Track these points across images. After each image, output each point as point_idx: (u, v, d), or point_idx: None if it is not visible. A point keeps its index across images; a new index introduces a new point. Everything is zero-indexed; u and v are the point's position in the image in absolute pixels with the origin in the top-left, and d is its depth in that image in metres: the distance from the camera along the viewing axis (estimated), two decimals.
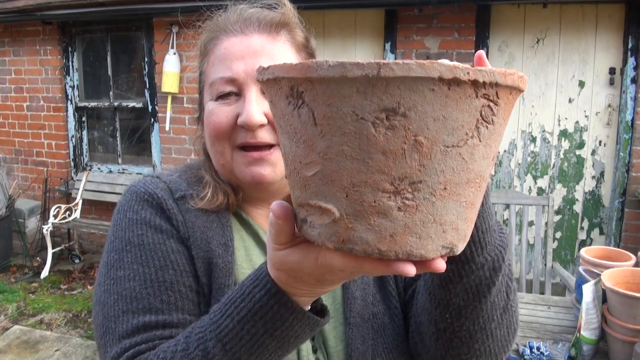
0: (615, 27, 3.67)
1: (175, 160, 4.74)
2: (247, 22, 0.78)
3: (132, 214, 0.77)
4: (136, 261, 0.73)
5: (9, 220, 5.03)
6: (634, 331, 1.54)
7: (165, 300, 0.71)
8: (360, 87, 0.39)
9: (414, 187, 0.42)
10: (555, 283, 3.63)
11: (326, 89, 0.41)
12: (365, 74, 0.39)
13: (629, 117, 3.64)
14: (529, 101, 3.92)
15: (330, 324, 0.80)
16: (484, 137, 0.43)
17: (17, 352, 3.40)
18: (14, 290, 4.41)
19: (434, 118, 0.40)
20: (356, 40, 4.22)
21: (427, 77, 0.38)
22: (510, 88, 0.44)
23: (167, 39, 4.51)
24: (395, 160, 0.41)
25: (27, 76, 5.17)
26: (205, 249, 0.77)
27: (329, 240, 0.45)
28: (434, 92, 0.39)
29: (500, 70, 0.42)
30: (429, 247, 0.44)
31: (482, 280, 0.64)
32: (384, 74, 0.38)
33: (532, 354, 1.71)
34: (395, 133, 0.40)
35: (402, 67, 0.38)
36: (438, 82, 0.39)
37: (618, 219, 3.78)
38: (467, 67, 0.39)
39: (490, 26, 3.87)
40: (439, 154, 0.41)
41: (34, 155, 5.31)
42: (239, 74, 0.75)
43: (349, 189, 0.42)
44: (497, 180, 4.08)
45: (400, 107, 0.39)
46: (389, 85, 0.39)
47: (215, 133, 0.77)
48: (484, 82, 0.41)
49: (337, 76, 0.39)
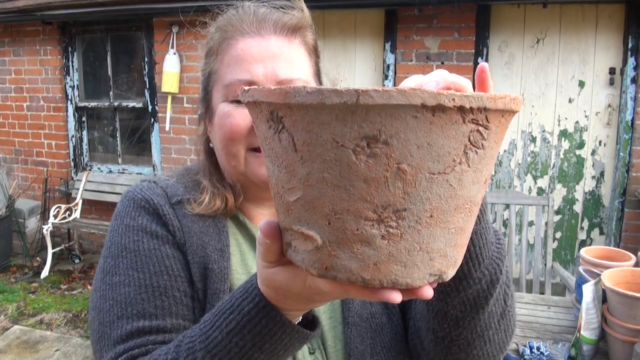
0: (615, 27, 3.67)
1: (175, 161, 4.74)
2: (263, 23, 0.78)
3: (129, 220, 0.78)
4: (131, 267, 0.74)
5: (9, 220, 5.02)
6: (634, 331, 1.54)
7: (160, 305, 0.72)
8: (339, 114, 0.38)
9: (398, 215, 0.40)
10: (555, 283, 3.63)
11: (305, 115, 0.40)
12: (343, 102, 0.37)
13: (629, 117, 3.64)
14: (529, 101, 3.92)
15: (329, 324, 0.80)
16: (474, 162, 0.41)
17: (17, 352, 3.40)
18: (14, 290, 4.41)
19: (418, 145, 0.39)
20: (356, 40, 4.22)
21: (408, 104, 0.37)
22: (502, 111, 0.42)
23: (167, 39, 4.51)
24: (378, 188, 0.39)
25: (27, 76, 5.17)
26: (201, 254, 0.77)
27: (312, 267, 0.44)
28: (417, 119, 0.38)
29: (490, 95, 0.40)
30: (415, 275, 0.42)
31: (480, 293, 0.65)
32: (363, 102, 0.37)
33: (532, 354, 1.71)
34: (377, 161, 0.39)
35: (382, 94, 0.37)
36: (421, 109, 0.37)
37: (618, 219, 3.78)
38: (452, 93, 0.38)
39: (490, 26, 3.87)
40: (424, 182, 0.40)
41: (34, 155, 5.31)
42: (258, 77, 0.75)
43: (331, 216, 0.41)
44: (497, 180, 4.08)
45: (381, 134, 0.38)
46: (369, 112, 0.38)
47: (231, 135, 0.77)
48: (472, 108, 0.39)
49: (315, 103, 0.38)
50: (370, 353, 0.79)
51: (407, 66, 4.00)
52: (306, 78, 0.78)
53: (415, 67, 3.98)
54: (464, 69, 3.86)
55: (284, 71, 0.76)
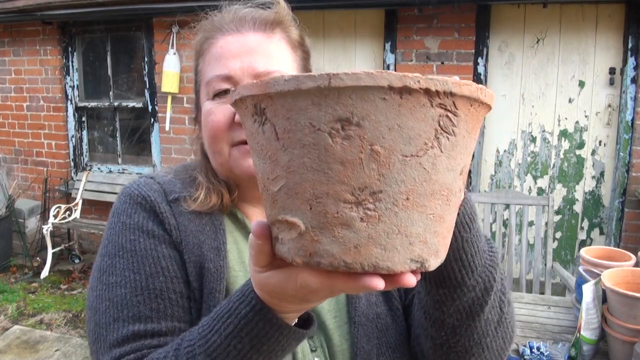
0: (615, 27, 3.67)
1: (175, 160, 4.74)
2: (242, 21, 0.79)
3: (126, 218, 0.78)
4: (128, 268, 0.73)
5: (9, 220, 5.02)
6: (634, 331, 1.54)
7: (155, 308, 0.72)
8: (314, 99, 0.41)
9: (375, 197, 0.42)
10: (555, 283, 3.63)
11: (284, 103, 0.42)
12: (317, 85, 0.40)
13: (629, 117, 3.64)
14: (529, 101, 3.92)
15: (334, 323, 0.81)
16: (446, 148, 0.43)
17: (17, 352, 3.40)
18: (14, 290, 4.41)
19: (389, 127, 0.40)
20: (356, 40, 4.22)
21: (376, 86, 0.39)
22: (469, 99, 0.43)
23: (167, 39, 4.51)
24: (354, 170, 0.41)
25: (27, 76, 5.17)
26: (197, 253, 0.77)
27: (297, 255, 0.45)
28: (386, 101, 0.40)
29: (455, 80, 0.42)
30: (395, 259, 0.43)
31: (475, 300, 0.66)
32: (335, 84, 0.39)
33: (532, 354, 1.71)
34: (351, 142, 0.41)
35: (352, 77, 0.39)
36: (388, 91, 0.39)
37: (618, 219, 3.78)
38: (417, 75, 0.40)
39: (490, 26, 3.87)
40: (397, 163, 0.41)
41: (34, 155, 5.31)
42: (235, 72, 0.76)
43: (312, 201, 0.43)
44: (497, 180, 4.08)
45: (353, 116, 0.40)
46: (341, 95, 0.40)
47: (213, 132, 0.77)
48: (437, 91, 0.41)
49: (292, 89, 0.41)
50: (376, 353, 0.79)
51: (407, 66, 4.00)
52: (287, 71, 0.78)
53: (415, 67, 3.98)
54: (464, 69, 3.86)
55: (262, 65, 0.76)
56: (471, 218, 0.63)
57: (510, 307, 0.74)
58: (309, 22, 0.84)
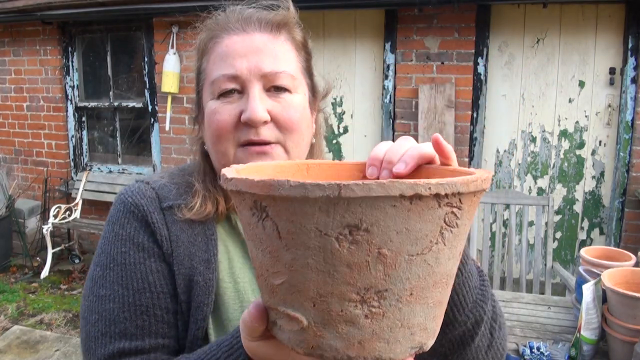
0: (615, 27, 3.67)
1: (175, 161, 4.74)
2: (248, 21, 0.78)
3: (119, 228, 0.79)
4: (117, 282, 0.75)
5: (9, 220, 5.02)
6: (634, 331, 1.54)
7: (140, 325, 0.73)
8: (322, 206, 0.40)
9: (380, 295, 0.42)
10: (555, 283, 3.63)
11: (289, 206, 0.41)
12: (326, 195, 0.39)
13: (629, 117, 3.64)
14: (529, 101, 3.92)
15: None
16: (449, 240, 0.44)
17: (17, 352, 3.40)
18: (14, 290, 4.41)
19: (397, 231, 0.41)
20: (356, 40, 4.22)
21: (388, 196, 0.39)
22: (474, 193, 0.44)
23: (167, 39, 4.51)
24: (360, 272, 0.41)
25: (27, 76, 5.17)
26: (188, 265, 0.77)
27: (298, 346, 0.45)
28: (396, 208, 0.40)
29: (463, 179, 0.42)
30: (397, 350, 0.44)
31: (466, 333, 0.69)
32: (345, 195, 0.39)
33: (532, 354, 1.71)
34: (359, 247, 0.41)
35: (363, 187, 0.39)
36: (399, 199, 0.40)
37: (618, 219, 3.78)
38: (428, 182, 0.40)
39: (490, 26, 3.87)
40: (403, 263, 0.42)
41: (34, 155, 5.30)
42: (241, 71, 0.75)
43: (316, 299, 0.43)
44: (497, 180, 4.08)
45: (362, 223, 0.40)
46: (351, 204, 0.40)
47: (218, 132, 0.76)
48: (446, 194, 0.41)
49: (299, 196, 0.40)
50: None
51: (407, 66, 4.00)
52: (292, 72, 0.78)
53: (415, 67, 3.98)
54: (464, 69, 3.86)
55: (268, 65, 0.76)
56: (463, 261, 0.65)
57: (502, 330, 0.76)
58: (309, 22, 0.84)
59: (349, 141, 4.34)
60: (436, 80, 3.93)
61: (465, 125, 3.91)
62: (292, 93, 0.78)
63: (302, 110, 0.79)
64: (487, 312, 0.70)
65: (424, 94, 3.90)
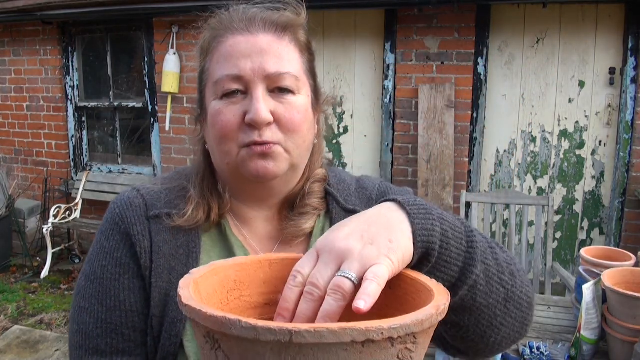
0: (615, 27, 3.67)
1: (175, 161, 4.74)
2: (252, 21, 0.78)
3: (104, 240, 0.82)
4: (95, 296, 0.79)
5: (9, 220, 5.02)
6: (634, 331, 1.54)
7: (109, 343, 0.77)
8: (274, 347, 0.40)
9: None
10: (555, 283, 3.63)
11: (241, 344, 0.42)
12: (277, 340, 0.40)
13: (629, 117, 3.64)
14: (529, 101, 3.92)
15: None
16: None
17: (17, 352, 3.40)
18: (14, 290, 4.41)
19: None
20: (356, 40, 4.22)
21: (339, 342, 0.40)
22: (431, 326, 0.44)
23: (167, 39, 4.51)
24: None
25: (27, 76, 5.17)
26: (166, 279, 0.78)
27: None
28: (348, 351, 0.40)
29: (416, 319, 0.42)
30: None
31: (458, 301, 0.66)
32: (296, 341, 0.39)
33: (532, 354, 1.71)
34: None
35: (314, 334, 0.39)
36: (351, 344, 0.40)
37: (618, 219, 3.78)
38: (380, 326, 0.40)
39: (490, 26, 3.87)
40: None
41: (34, 155, 5.30)
42: (245, 72, 0.75)
43: None
44: (497, 180, 4.08)
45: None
46: (302, 348, 0.40)
47: (222, 133, 0.76)
48: (399, 336, 0.41)
49: (250, 338, 0.40)
50: None
51: (407, 66, 4.00)
52: (296, 73, 0.78)
53: (415, 67, 3.98)
54: (464, 69, 3.87)
55: (272, 66, 0.75)
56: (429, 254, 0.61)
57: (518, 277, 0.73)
58: (309, 22, 0.84)
59: (349, 141, 4.34)
60: (436, 80, 3.93)
61: (465, 125, 3.91)
62: (296, 94, 0.77)
63: (305, 112, 0.79)
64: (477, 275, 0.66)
65: (424, 94, 3.90)
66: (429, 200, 3.89)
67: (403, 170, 4.13)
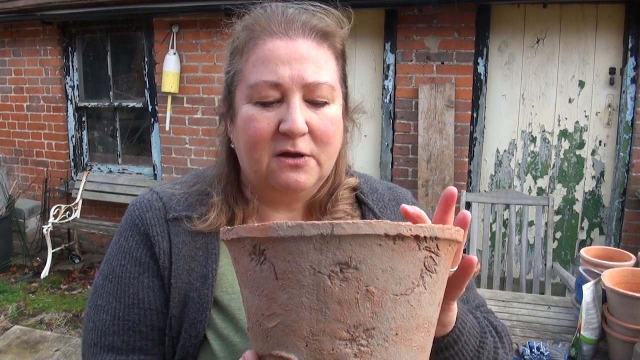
0: (615, 27, 3.67)
1: (175, 161, 4.74)
2: (291, 25, 0.75)
3: (123, 241, 0.82)
4: (112, 294, 0.79)
5: (9, 220, 5.02)
6: (634, 331, 1.54)
7: (126, 340, 0.77)
8: (316, 244, 0.44)
9: (368, 333, 0.46)
10: (555, 283, 3.63)
11: (286, 246, 0.46)
12: (320, 233, 0.44)
13: (629, 117, 3.64)
14: (529, 101, 3.92)
15: None
16: (429, 285, 0.48)
17: (17, 352, 3.40)
18: (14, 290, 4.41)
19: (383, 269, 0.45)
20: (356, 40, 4.22)
21: (374, 234, 0.44)
22: (449, 240, 0.50)
23: (167, 39, 4.51)
24: (350, 309, 0.45)
25: (27, 76, 5.17)
26: (185, 280, 0.77)
27: None
28: (381, 247, 0.45)
29: (439, 226, 0.48)
30: None
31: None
32: (337, 233, 0.44)
33: (532, 354, 1.71)
34: (349, 284, 0.45)
35: (352, 226, 0.44)
36: (384, 238, 0.45)
37: (618, 219, 3.78)
38: (409, 224, 0.46)
39: (490, 26, 3.87)
40: (389, 302, 0.46)
41: (34, 155, 5.30)
42: (284, 79, 0.72)
43: (308, 338, 0.46)
44: (497, 180, 4.08)
45: (352, 260, 0.44)
46: (342, 242, 0.44)
47: (254, 140, 0.74)
48: (425, 237, 0.47)
49: (296, 235, 0.45)
50: None
51: (407, 66, 4.00)
52: (332, 83, 0.76)
53: (415, 67, 3.98)
54: (464, 69, 3.86)
55: (311, 74, 0.73)
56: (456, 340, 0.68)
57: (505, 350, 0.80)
58: None
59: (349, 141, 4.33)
60: (436, 80, 3.93)
61: (465, 125, 3.91)
62: (330, 104, 0.76)
63: (338, 122, 0.78)
64: None
65: (424, 94, 3.90)
66: (429, 200, 3.90)
67: (403, 170, 4.13)
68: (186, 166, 4.72)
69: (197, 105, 4.56)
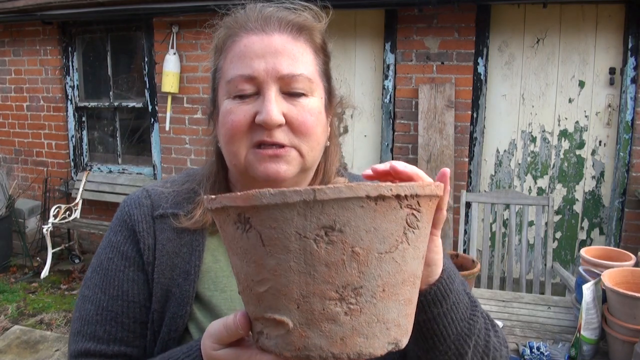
0: (615, 27, 3.67)
1: (175, 160, 4.74)
2: (268, 21, 0.77)
3: (112, 235, 0.84)
4: (98, 285, 0.81)
5: (9, 220, 5.02)
6: (634, 331, 1.54)
7: (108, 330, 0.78)
8: (300, 210, 0.45)
9: (356, 292, 0.47)
10: (555, 283, 3.63)
11: (270, 214, 0.46)
12: (303, 199, 0.45)
13: (629, 117, 3.64)
14: (529, 101, 3.92)
15: None
16: (412, 241, 0.50)
17: (17, 352, 3.40)
18: (14, 290, 4.41)
19: (366, 230, 0.46)
20: (356, 40, 4.22)
21: (355, 196, 0.45)
22: (429, 196, 0.51)
23: (167, 39, 4.51)
24: (337, 270, 0.46)
25: (27, 76, 5.17)
26: (168, 276, 0.79)
27: (286, 350, 0.49)
28: (364, 208, 0.46)
29: (419, 183, 0.49)
30: (376, 344, 0.49)
31: (451, 358, 0.70)
32: (319, 197, 0.44)
33: (532, 354, 1.71)
34: (335, 247, 0.46)
35: (334, 190, 0.45)
36: (366, 200, 0.45)
37: (618, 219, 3.78)
38: (389, 184, 0.47)
39: (490, 26, 3.87)
40: (374, 261, 0.47)
41: (34, 155, 5.30)
42: (259, 72, 0.73)
43: (299, 301, 0.47)
44: (497, 180, 4.08)
45: (336, 224, 0.45)
46: (325, 206, 0.45)
47: (232, 132, 0.75)
48: (406, 195, 0.48)
49: (279, 202, 0.45)
50: None
51: (407, 66, 4.00)
52: (309, 75, 0.77)
53: (415, 67, 3.98)
54: (464, 69, 3.86)
55: (286, 67, 0.74)
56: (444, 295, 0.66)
57: (498, 339, 0.77)
58: None
59: (349, 141, 4.34)
60: (436, 80, 3.93)
61: (465, 125, 3.91)
62: (309, 96, 0.76)
63: (318, 114, 0.78)
64: (472, 346, 0.70)
65: (424, 94, 3.90)
66: None
67: None
68: (186, 166, 4.72)
69: (197, 105, 4.56)
